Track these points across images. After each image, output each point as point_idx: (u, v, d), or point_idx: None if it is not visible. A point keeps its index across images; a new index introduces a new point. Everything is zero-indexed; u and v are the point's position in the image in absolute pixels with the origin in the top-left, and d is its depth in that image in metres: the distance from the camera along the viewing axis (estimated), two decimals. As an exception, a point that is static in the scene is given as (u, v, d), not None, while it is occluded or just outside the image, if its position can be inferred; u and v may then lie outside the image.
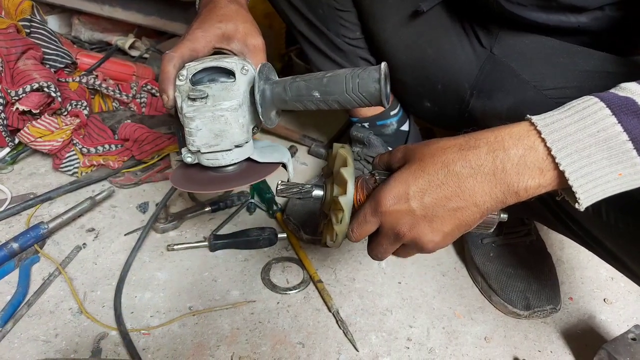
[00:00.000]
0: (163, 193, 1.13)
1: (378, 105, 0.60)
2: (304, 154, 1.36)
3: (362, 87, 0.58)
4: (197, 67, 0.65)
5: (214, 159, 0.66)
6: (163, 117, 1.31)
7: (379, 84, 0.57)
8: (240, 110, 0.63)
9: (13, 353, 0.76)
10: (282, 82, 0.63)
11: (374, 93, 0.58)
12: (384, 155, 0.62)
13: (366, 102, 0.60)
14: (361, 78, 0.58)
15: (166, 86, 0.66)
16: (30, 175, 1.16)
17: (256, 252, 1.01)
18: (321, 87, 0.60)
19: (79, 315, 0.83)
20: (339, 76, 0.60)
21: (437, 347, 0.84)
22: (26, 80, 1.10)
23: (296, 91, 0.62)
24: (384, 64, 0.58)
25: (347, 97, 0.59)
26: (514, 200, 0.50)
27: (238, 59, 0.67)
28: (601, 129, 0.45)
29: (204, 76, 0.66)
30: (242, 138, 0.65)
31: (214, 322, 0.85)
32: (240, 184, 0.68)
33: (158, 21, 1.61)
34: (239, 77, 0.65)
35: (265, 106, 0.64)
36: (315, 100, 0.61)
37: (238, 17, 0.72)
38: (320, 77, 0.61)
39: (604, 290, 0.99)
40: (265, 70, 0.64)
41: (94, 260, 0.95)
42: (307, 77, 0.62)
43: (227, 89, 0.64)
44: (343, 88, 0.59)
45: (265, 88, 0.63)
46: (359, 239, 0.60)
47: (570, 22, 0.76)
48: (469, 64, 0.91)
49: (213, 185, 0.68)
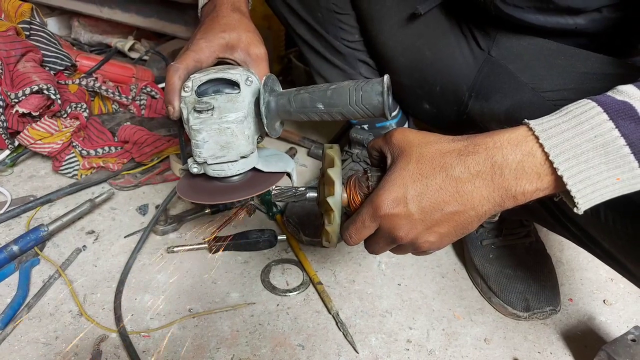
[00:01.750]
0: (163, 195, 1.13)
1: (381, 117, 0.61)
2: (303, 156, 1.36)
3: (366, 100, 0.59)
4: (202, 78, 0.66)
5: (220, 170, 0.67)
6: (162, 119, 1.31)
7: (382, 97, 0.58)
8: (245, 122, 0.64)
9: (13, 356, 0.76)
10: (286, 94, 0.64)
11: (377, 106, 0.59)
12: (378, 140, 0.62)
13: (369, 114, 0.61)
14: (364, 91, 0.59)
15: (172, 98, 0.66)
16: (30, 177, 1.16)
17: (256, 254, 1.01)
18: (325, 99, 0.61)
19: (79, 317, 0.83)
20: (343, 88, 0.61)
21: (436, 349, 0.84)
22: (26, 82, 1.10)
23: (300, 103, 0.63)
24: (386, 76, 0.59)
25: (351, 109, 0.61)
26: (512, 204, 0.51)
27: (242, 70, 0.67)
28: (599, 134, 0.46)
29: (208, 87, 0.67)
30: (247, 149, 0.66)
31: (213, 324, 0.85)
32: (247, 194, 0.69)
33: (157, 23, 1.62)
34: (243, 88, 0.65)
35: (270, 117, 0.64)
36: (319, 111, 0.62)
37: (241, 27, 0.72)
38: (324, 89, 0.62)
39: (604, 291, 0.99)
40: (270, 82, 0.65)
41: (93, 262, 0.95)
42: (310, 89, 0.63)
43: (233, 101, 0.65)
44: (347, 100, 0.60)
45: (270, 100, 0.64)
46: (356, 243, 0.60)
47: (568, 24, 0.76)
48: (467, 66, 0.91)
49: (220, 196, 0.69)
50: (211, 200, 0.70)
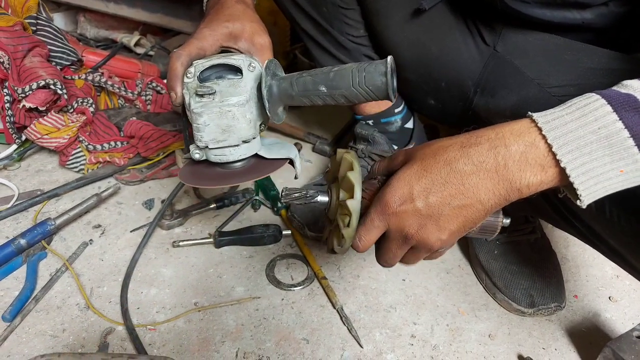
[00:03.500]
0: (168, 190, 1.14)
1: (385, 99, 0.60)
2: (308, 152, 1.37)
3: (369, 81, 0.58)
4: (205, 64, 0.66)
5: (222, 155, 0.67)
6: (168, 114, 1.32)
7: (385, 77, 0.57)
8: (247, 106, 0.64)
9: (21, 347, 0.77)
10: (288, 78, 0.63)
11: (381, 86, 0.58)
12: (383, 162, 0.62)
13: (373, 95, 0.60)
14: (367, 72, 0.58)
15: (174, 83, 0.67)
16: (37, 172, 1.17)
17: (261, 249, 1.01)
18: (328, 81, 0.60)
19: (86, 310, 0.84)
20: (346, 70, 0.60)
21: (441, 344, 0.84)
22: (33, 77, 1.11)
23: (303, 86, 0.62)
24: (390, 57, 0.58)
25: (354, 91, 0.59)
26: (517, 197, 0.51)
27: (245, 56, 0.67)
28: (602, 126, 0.45)
29: (211, 73, 0.67)
30: (249, 134, 0.65)
31: (219, 318, 0.85)
32: (247, 178, 0.69)
33: (163, 18, 1.62)
34: (246, 73, 0.66)
35: (272, 102, 0.64)
36: (322, 94, 0.61)
37: (245, 17, 0.72)
38: (327, 71, 0.61)
39: (609, 288, 0.99)
40: (272, 66, 0.65)
41: (100, 256, 0.96)
42: (313, 72, 0.62)
43: (235, 85, 0.65)
44: (349, 82, 0.59)
45: (272, 84, 0.63)
46: (367, 247, 0.58)
47: (575, 18, 0.76)
48: (473, 62, 0.90)
49: (220, 181, 0.69)
50: (211, 184, 0.70)
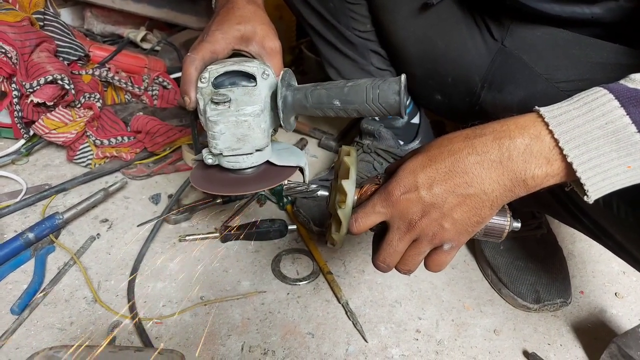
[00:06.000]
0: (175, 185, 1.15)
1: (396, 116, 0.62)
2: (314, 147, 1.37)
3: (382, 98, 0.60)
4: (219, 70, 0.66)
5: (235, 162, 0.67)
6: (175, 109, 1.32)
7: (398, 96, 0.59)
8: (262, 116, 0.64)
9: (30, 340, 0.78)
10: (303, 89, 0.64)
11: (394, 104, 0.60)
12: (391, 166, 0.61)
13: (385, 112, 0.61)
14: (382, 89, 0.60)
15: (188, 88, 0.67)
16: (45, 166, 1.18)
17: (267, 243, 1.01)
18: (342, 96, 0.62)
19: (93, 304, 0.85)
20: (360, 86, 0.61)
21: (445, 339, 0.84)
22: (40, 72, 1.12)
23: (317, 98, 0.63)
24: (403, 76, 0.59)
25: (367, 107, 0.61)
26: (523, 190, 0.50)
27: (258, 63, 0.67)
28: (609, 121, 0.45)
29: (225, 79, 0.67)
30: (263, 142, 0.66)
31: (225, 312, 0.86)
32: (260, 187, 0.69)
33: (169, 14, 1.62)
34: (260, 81, 0.66)
35: (287, 112, 0.65)
36: (335, 108, 0.63)
37: (256, 19, 0.72)
38: (341, 86, 0.62)
39: (616, 284, 0.99)
40: (287, 77, 0.66)
41: (107, 250, 0.96)
42: (327, 86, 0.63)
43: (249, 94, 0.65)
44: (363, 98, 0.61)
45: (287, 94, 0.64)
46: (362, 229, 0.57)
47: (584, 13, 0.75)
48: (480, 57, 0.90)
49: (235, 188, 0.70)
50: (226, 191, 0.70)
